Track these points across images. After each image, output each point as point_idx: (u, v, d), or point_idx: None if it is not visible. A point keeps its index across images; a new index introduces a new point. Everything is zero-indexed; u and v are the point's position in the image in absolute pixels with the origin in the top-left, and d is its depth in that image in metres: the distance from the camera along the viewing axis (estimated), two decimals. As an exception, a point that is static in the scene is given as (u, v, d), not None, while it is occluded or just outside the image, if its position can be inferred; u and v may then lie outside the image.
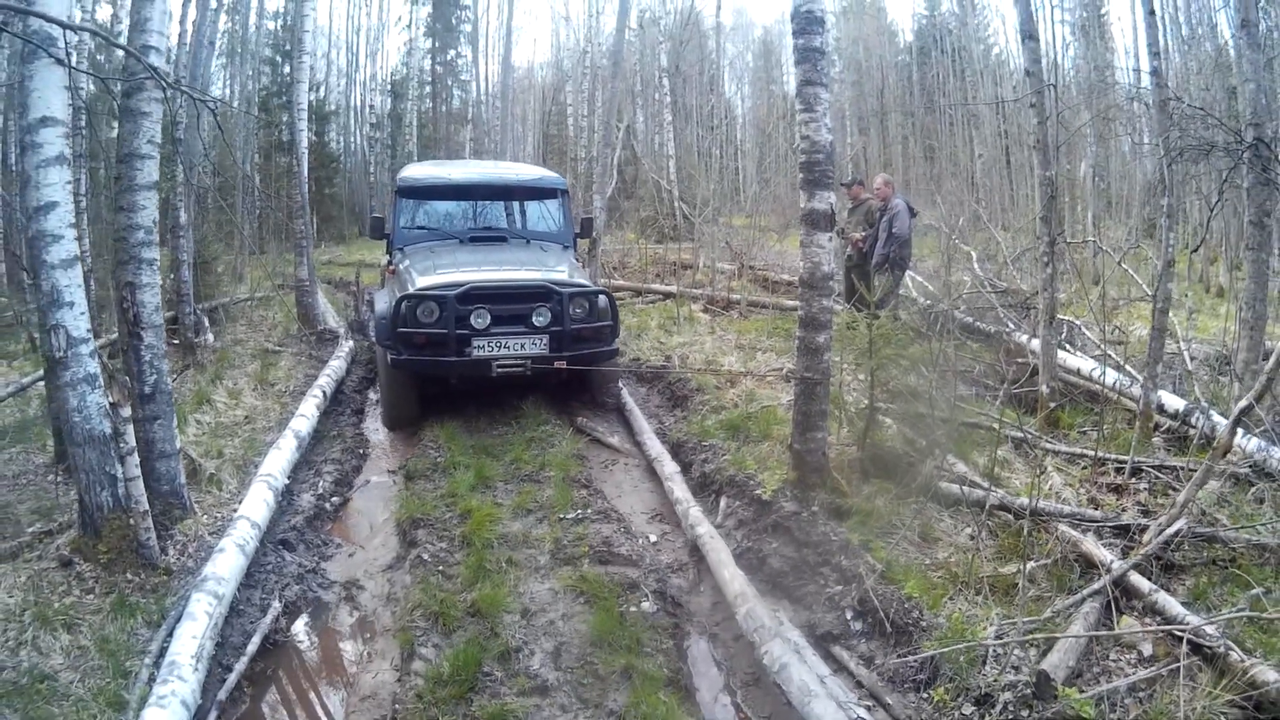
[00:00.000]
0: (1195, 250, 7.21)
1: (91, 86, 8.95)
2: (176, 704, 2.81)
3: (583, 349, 6.31)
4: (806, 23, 4.25)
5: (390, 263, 7.44)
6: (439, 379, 6.45)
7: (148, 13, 4.42)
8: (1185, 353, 6.59)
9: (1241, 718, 2.78)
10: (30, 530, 4.32)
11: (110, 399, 3.93)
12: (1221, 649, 2.96)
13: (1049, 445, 5.15)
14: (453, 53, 32.52)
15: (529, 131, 35.65)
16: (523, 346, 6.12)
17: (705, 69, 29.96)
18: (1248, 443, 4.70)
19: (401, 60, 32.55)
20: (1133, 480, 4.66)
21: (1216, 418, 5.12)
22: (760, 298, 11.47)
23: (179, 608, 3.46)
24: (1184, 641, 3.01)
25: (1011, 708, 2.85)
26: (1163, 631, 3.16)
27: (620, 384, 7.17)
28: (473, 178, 8.22)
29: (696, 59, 28.33)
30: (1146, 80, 6.17)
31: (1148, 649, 3.20)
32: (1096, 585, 3.38)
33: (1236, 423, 3.62)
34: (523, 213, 8.15)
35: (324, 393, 6.84)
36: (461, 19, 31.96)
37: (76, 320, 3.89)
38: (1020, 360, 6.91)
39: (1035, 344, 6.42)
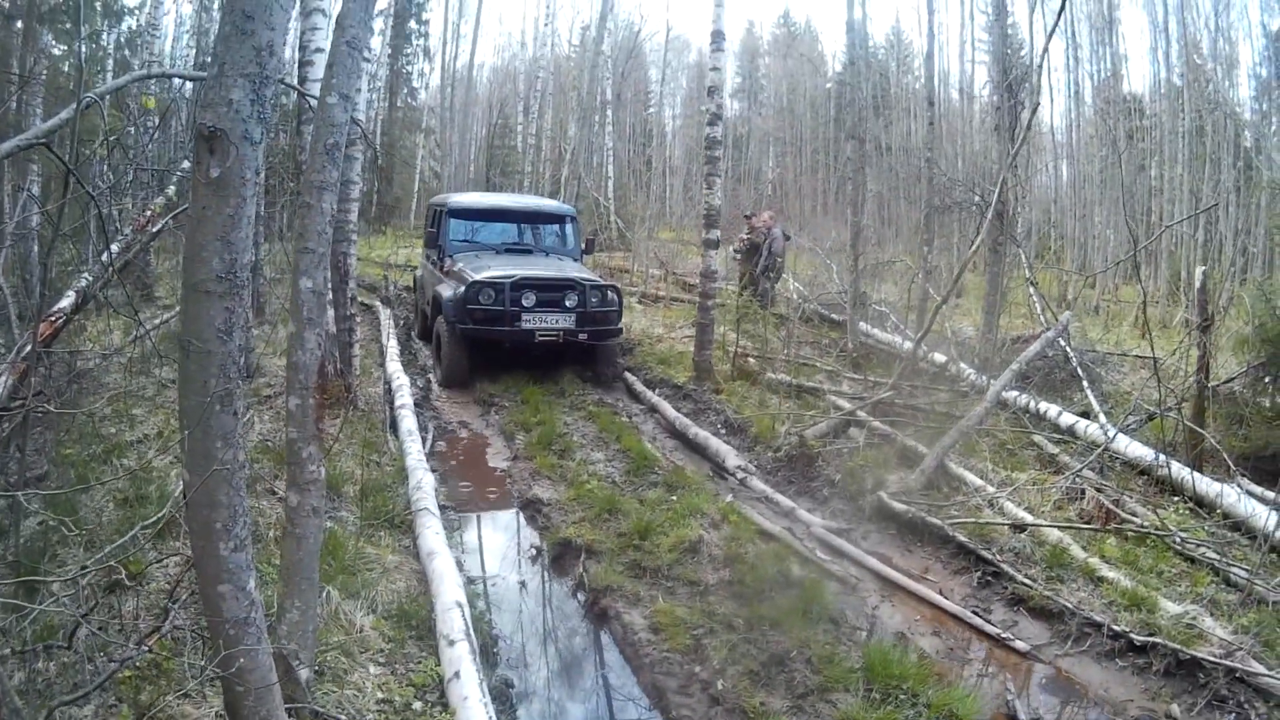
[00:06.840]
0: (969, 262, 10.89)
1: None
2: (415, 437, 6.43)
3: (597, 327, 8.56)
4: (710, 145, 8.21)
5: (443, 265, 9.45)
6: (493, 344, 8.48)
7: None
8: (949, 330, 10.68)
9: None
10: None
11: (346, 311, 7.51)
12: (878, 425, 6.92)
13: (848, 376, 9.10)
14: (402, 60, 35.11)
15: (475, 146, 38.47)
16: (557, 321, 8.33)
17: (643, 93, 33.78)
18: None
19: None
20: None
21: (964, 365, 9.11)
22: (680, 295, 15.24)
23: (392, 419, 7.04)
24: (865, 427, 6.96)
25: (788, 449, 6.71)
26: (846, 416, 7.11)
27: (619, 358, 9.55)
28: (508, 205, 11.12)
29: (634, 80, 32.01)
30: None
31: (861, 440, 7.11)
32: (840, 415, 7.33)
33: (920, 343, 7.62)
34: (540, 233, 10.51)
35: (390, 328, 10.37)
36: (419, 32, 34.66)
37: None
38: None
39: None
